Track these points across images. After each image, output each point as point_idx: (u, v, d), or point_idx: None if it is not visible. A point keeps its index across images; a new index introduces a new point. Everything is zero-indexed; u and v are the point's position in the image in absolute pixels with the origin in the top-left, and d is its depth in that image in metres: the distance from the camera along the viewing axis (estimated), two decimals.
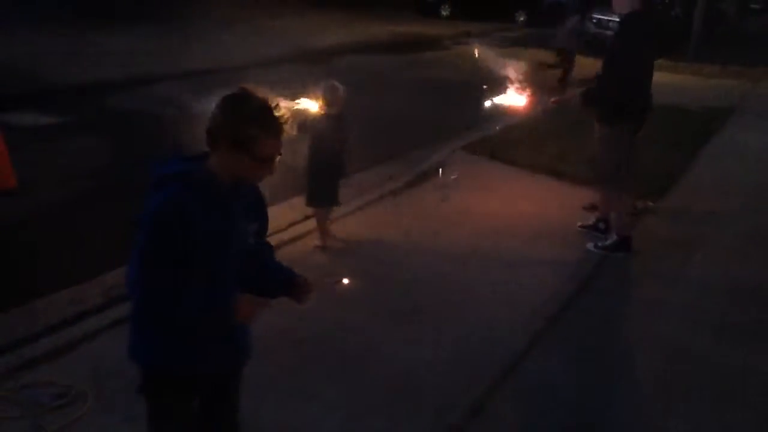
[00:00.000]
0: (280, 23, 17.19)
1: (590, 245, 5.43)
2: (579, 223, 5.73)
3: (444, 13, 23.33)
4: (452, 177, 7.04)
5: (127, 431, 2.99)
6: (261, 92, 2.06)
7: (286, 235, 5.32)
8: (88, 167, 6.70)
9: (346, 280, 2.44)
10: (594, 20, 18.89)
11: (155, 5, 15.90)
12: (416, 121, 9.21)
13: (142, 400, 2.30)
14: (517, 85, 5.33)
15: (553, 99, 6.27)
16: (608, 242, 5.38)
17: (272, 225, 2.41)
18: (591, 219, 5.70)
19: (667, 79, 11.78)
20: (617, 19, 5.59)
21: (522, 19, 24.12)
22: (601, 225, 5.58)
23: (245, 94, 2.05)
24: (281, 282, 2.32)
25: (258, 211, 2.27)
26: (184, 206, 2.01)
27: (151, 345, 2.19)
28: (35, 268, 4.61)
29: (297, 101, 4.65)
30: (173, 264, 2.01)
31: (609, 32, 15.36)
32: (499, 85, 5.51)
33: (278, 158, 2.10)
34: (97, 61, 11.11)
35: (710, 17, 18.88)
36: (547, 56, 13.95)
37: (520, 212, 6.17)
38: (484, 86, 5.58)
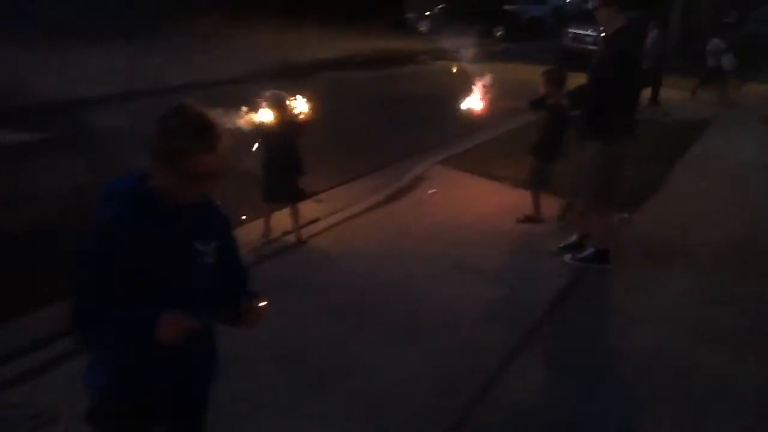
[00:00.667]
0: (261, 39, 17.22)
1: (567, 257, 5.46)
2: (561, 244, 5.62)
3: (422, 28, 23.54)
4: (430, 192, 7.08)
5: None
6: (198, 107, 2.00)
7: (277, 245, 5.36)
8: (68, 185, 6.64)
9: (263, 303, 2.24)
10: (570, 35, 19.16)
11: (136, 21, 15.85)
12: (395, 135, 9.26)
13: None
14: (480, 90, 5.56)
15: (506, 103, 6.22)
16: (586, 253, 5.41)
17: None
18: (571, 238, 5.62)
19: (644, 93, 11.93)
20: (593, 33, 5.63)
21: (500, 33, 24.38)
22: (583, 240, 5.59)
23: (180, 108, 2.00)
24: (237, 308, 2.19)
25: (217, 229, 2.19)
26: (126, 219, 2.00)
27: (96, 368, 2.14)
28: (13, 287, 4.55)
29: (252, 114, 5.11)
30: (110, 276, 1.97)
31: (588, 47, 15.58)
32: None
33: (216, 176, 2.01)
34: (77, 77, 11.06)
35: (684, 31, 19.20)
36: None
37: (499, 225, 6.20)
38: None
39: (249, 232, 5.45)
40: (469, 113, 5.61)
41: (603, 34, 5.24)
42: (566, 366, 4.13)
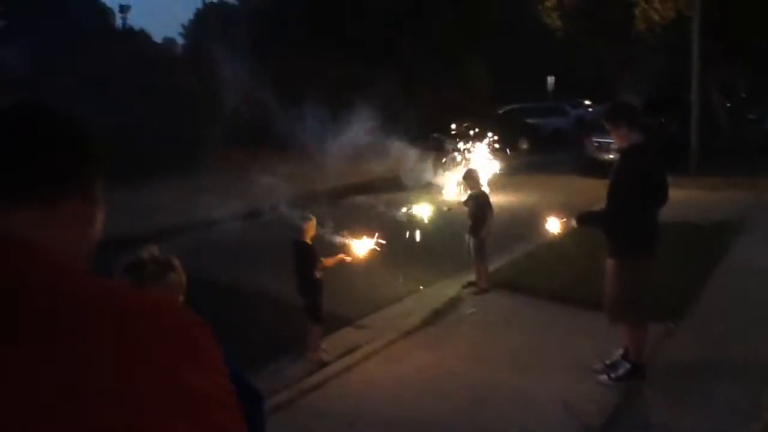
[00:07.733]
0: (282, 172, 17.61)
1: (603, 377, 5.30)
2: (607, 361, 5.42)
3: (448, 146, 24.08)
4: (469, 312, 7.06)
5: None
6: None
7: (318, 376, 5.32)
8: None
9: None
10: (596, 144, 19.43)
11: (174, 161, 16.38)
12: (426, 257, 9.29)
13: None
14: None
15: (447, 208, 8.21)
16: (621, 372, 5.26)
17: None
18: (616, 354, 5.43)
19: (672, 195, 11.81)
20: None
21: (525, 146, 24.84)
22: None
23: None
24: None
25: None
26: None
27: None
28: None
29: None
30: None
31: (612, 155, 15.65)
32: None
33: None
34: (115, 216, 11.44)
35: (706, 130, 19.24)
36: None
37: (540, 343, 6.13)
38: None
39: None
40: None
41: (618, 149, 5.24)
42: None
